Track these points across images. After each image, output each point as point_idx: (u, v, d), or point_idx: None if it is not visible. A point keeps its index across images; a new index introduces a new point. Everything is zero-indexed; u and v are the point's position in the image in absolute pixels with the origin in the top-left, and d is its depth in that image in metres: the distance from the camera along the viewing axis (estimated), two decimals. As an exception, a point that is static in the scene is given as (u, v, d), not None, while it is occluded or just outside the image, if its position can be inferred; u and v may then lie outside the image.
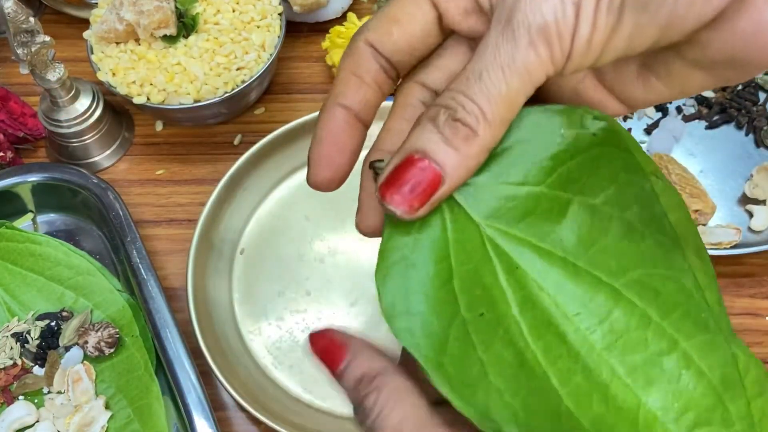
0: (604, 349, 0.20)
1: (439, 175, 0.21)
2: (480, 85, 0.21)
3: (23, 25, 0.54)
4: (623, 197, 0.22)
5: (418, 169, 0.21)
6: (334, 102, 0.25)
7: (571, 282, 0.21)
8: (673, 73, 0.24)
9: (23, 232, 0.58)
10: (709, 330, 0.21)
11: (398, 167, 0.22)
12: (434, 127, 0.21)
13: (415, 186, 0.21)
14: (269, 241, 0.61)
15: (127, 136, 0.66)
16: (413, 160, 0.21)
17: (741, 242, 0.58)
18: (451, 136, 0.21)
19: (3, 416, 0.51)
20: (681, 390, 0.20)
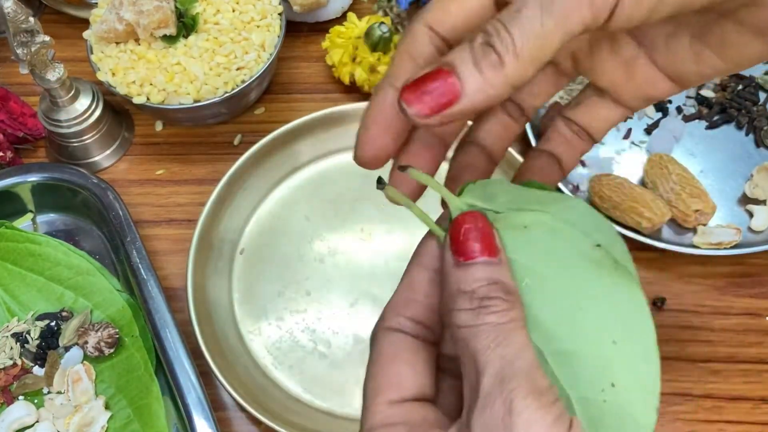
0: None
1: (458, 91, 0.22)
2: (517, 18, 0.21)
3: (23, 25, 0.54)
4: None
5: (442, 79, 0.22)
6: (388, 83, 0.25)
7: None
8: (728, 42, 0.23)
9: (23, 232, 0.58)
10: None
11: (426, 74, 0.22)
12: (469, 47, 0.22)
13: (433, 92, 0.22)
14: (269, 241, 0.61)
15: (126, 136, 0.66)
16: (441, 71, 0.22)
17: (741, 242, 0.58)
18: (481, 58, 0.22)
19: (3, 416, 0.51)
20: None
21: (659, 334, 0.60)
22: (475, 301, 0.23)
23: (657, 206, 0.58)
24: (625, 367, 0.22)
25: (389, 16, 0.68)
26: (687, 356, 0.56)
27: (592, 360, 0.23)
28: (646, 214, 0.57)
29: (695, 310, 0.58)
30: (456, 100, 0.22)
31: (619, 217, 0.59)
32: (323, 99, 0.68)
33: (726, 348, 0.56)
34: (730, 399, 0.55)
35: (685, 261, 0.60)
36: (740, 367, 0.56)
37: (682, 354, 0.56)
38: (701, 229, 0.59)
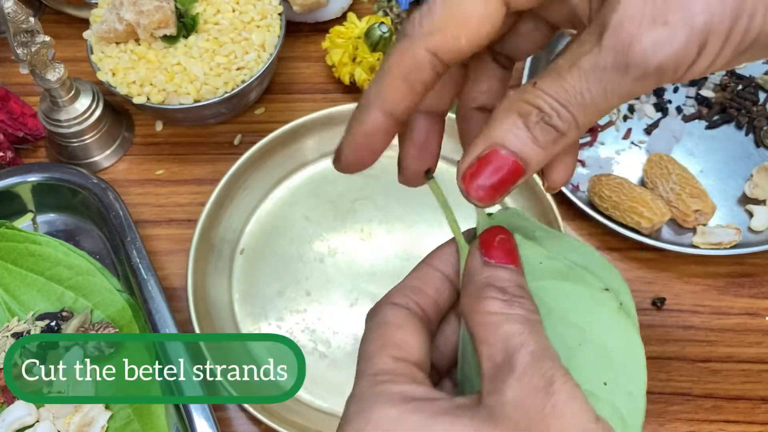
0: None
1: (522, 169, 0.23)
2: (581, 101, 0.22)
3: (23, 25, 0.54)
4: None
5: (503, 162, 0.23)
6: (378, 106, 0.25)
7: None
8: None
9: (23, 232, 0.58)
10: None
11: (482, 160, 0.23)
12: (525, 126, 0.23)
13: (498, 179, 0.23)
14: (269, 241, 0.61)
15: (127, 136, 0.66)
16: (497, 154, 0.23)
17: (741, 242, 0.58)
18: (542, 137, 0.23)
19: (3, 416, 0.51)
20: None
21: (659, 334, 0.60)
22: (507, 294, 0.24)
23: (657, 206, 0.58)
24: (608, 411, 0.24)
25: (389, 16, 0.68)
26: (687, 356, 0.56)
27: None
28: (645, 214, 0.57)
29: (695, 310, 0.58)
30: (521, 177, 0.23)
31: (619, 217, 0.59)
32: (323, 99, 0.68)
33: (726, 348, 0.56)
34: (729, 399, 0.55)
35: (684, 261, 0.60)
36: (740, 367, 0.56)
37: (682, 354, 0.56)
38: (701, 229, 0.59)
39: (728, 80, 0.67)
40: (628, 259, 0.60)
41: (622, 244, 0.60)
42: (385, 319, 0.26)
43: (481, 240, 0.26)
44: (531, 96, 0.23)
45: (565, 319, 0.25)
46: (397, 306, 0.26)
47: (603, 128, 0.65)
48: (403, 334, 0.25)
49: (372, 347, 0.25)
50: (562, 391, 0.22)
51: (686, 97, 0.67)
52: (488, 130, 0.23)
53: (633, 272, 0.59)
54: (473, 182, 0.23)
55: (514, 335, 0.23)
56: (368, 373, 0.24)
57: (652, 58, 0.20)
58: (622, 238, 0.59)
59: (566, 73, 0.22)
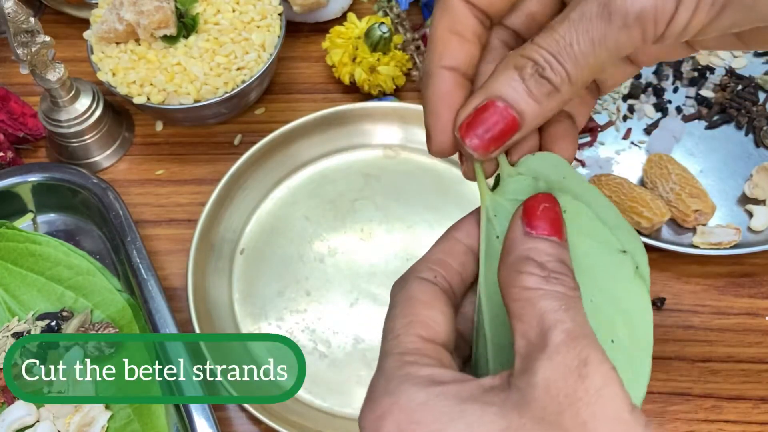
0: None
1: (518, 123, 0.23)
2: (570, 51, 0.22)
3: (23, 25, 0.54)
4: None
5: (499, 114, 0.23)
6: (439, 65, 0.25)
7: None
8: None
9: (23, 232, 0.58)
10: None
11: (479, 110, 0.24)
12: (520, 78, 0.23)
13: (493, 130, 0.24)
14: (269, 241, 0.61)
15: (127, 136, 0.66)
16: (494, 105, 0.23)
17: (741, 242, 0.58)
18: (536, 89, 0.23)
19: (3, 416, 0.51)
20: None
21: (659, 334, 0.60)
22: (546, 270, 0.23)
23: (656, 206, 0.58)
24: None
25: (389, 16, 0.68)
26: (686, 356, 0.56)
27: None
28: (645, 213, 0.57)
29: (695, 310, 0.58)
30: (516, 130, 0.24)
31: (618, 217, 0.59)
32: (323, 99, 0.68)
33: (725, 348, 0.57)
34: (729, 399, 0.55)
35: (684, 261, 0.60)
36: (739, 367, 0.56)
37: (682, 354, 0.56)
38: (701, 229, 0.59)
39: (728, 80, 0.67)
40: (627, 259, 0.60)
41: (621, 244, 0.60)
42: (413, 294, 0.25)
43: (525, 207, 0.25)
44: (527, 50, 0.23)
45: (581, 273, 0.24)
46: (425, 281, 0.26)
47: (603, 128, 0.65)
48: (431, 312, 0.25)
49: (399, 324, 0.25)
50: (597, 374, 0.21)
51: (686, 97, 0.67)
52: (487, 83, 0.24)
53: (633, 272, 0.59)
54: (470, 132, 0.24)
55: (549, 312, 0.22)
56: (396, 352, 0.24)
57: (631, 6, 0.21)
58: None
59: (558, 26, 0.23)
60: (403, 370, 0.23)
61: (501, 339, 0.26)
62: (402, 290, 0.26)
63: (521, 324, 0.23)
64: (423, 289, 0.25)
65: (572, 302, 0.23)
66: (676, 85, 0.67)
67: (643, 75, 0.68)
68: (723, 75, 0.67)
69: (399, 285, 0.26)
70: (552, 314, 0.22)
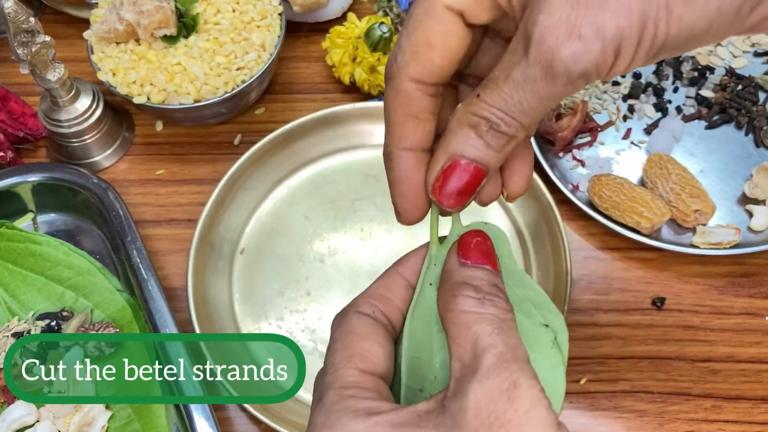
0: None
1: (482, 172, 0.25)
2: (520, 108, 0.23)
3: (23, 25, 0.54)
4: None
5: (464, 170, 0.25)
6: (399, 148, 0.27)
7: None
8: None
9: (23, 232, 0.58)
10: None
11: (446, 171, 0.25)
12: (477, 136, 0.24)
13: (463, 185, 0.25)
14: (269, 240, 0.61)
15: (127, 136, 0.66)
16: (459, 164, 0.25)
17: (741, 242, 0.58)
18: (495, 142, 0.24)
19: (3, 416, 0.51)
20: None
21: (659, 334, 0.60)
22: (481, 293, 0.24)
23: (656, 206, 0.58)
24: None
25: (389, 16, 0.68)
26: (686, 356, 0.56)
27: None
28: (645, 213, 0.57)
29: (695, 309, 0.58)
30: (483, 177, 0.25)
31: (618, 217, 0.59)
32: (323, 99, 0.68)
33: (725, 348, 0.57)
34: (729, 399, 0.55)
35: (684, 261, 0.60)
36: (739, 367, 0.56)
37: (682, 353, 0.56)
38: (701, 228, 0.59)
39: (728, 80, 0.67)
40: (628, 259, 0.60)
41: (622, 244, 0.60)
42: (352, 328, 0.26)
43: (460, 242, 0.27)
44: (477, 108, 0.24)
45: None
46: (364, 315, 0.27)
47: (603, 128, 0.65)
48: (369, 345, 0.26)
49: (338, 358, 0.26)
50: (526, 397, 0.22)
51: (686, 97, 0.67)
52: (446, 143, 0.25)
53: (633, 272, 0.59)
54: (443, 192, 0.26)
55: (483, 336, 0.23)
56: (336, 386, 0.25)
57: (573, 67, 0.22)
58: (622, 238, 0.59)
59: (503, 85, 0.23)
60: (342, 404, 0.24)
61: (414, 382, 0.27)
62: (342, 325, 0.27)
63: (457, 347, 0.24)
64: (362, 323, 0.26)
65: (505, 325, 0.24)
66: (676, 85, 0.67)
67: (643, 75, 0.68)
68: (723, 75, 0.67)
69: (339, 319, 0.27)
70: (485, 338, 0.23)
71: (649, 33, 0.21)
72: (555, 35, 0.22)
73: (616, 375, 0.55)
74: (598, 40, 0.21)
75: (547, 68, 0.22)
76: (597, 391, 0.55)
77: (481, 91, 0.24)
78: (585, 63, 0.22)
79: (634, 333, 0.57)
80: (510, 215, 0.61)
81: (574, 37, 0.21)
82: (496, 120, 0.24)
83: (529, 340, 0.26)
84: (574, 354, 0.56)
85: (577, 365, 0.56)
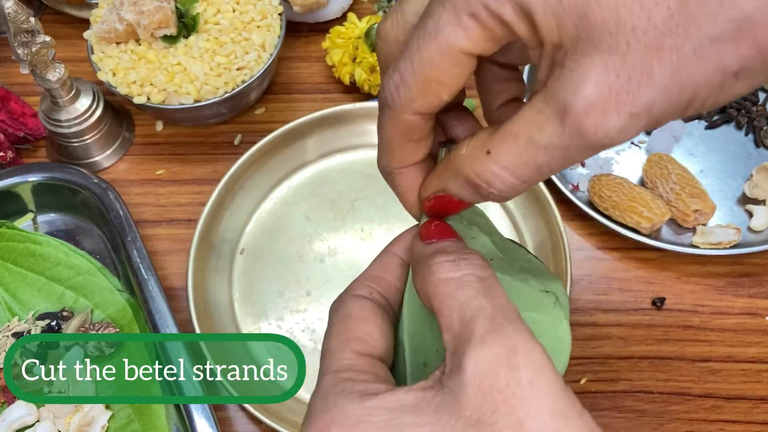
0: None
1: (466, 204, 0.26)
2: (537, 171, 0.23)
3: (23, 25, 0.54)
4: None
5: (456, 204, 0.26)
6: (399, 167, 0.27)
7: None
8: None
9: (23, 232, 0.58)
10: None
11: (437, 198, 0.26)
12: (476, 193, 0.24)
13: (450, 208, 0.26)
14: (269, 240, 0.61)
15: (127, 136, 0.66)
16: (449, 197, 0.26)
17: (741, 242, 0.58)
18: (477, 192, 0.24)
19: (3, 416, 0.51)
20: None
21: (659, 334, 0.59)
22: (453, 255, 0.24)
23: (656, 206, 0.58)
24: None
25: (389, 16, 0.68)
26: (686, 356, 0.56)
27: None
28: (645, 213, 0.57)
29: (695, 309, 0.58)
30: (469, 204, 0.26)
31: (618, 217, 0.59)
32: (323, 99, 0.68)
33: (725, 348, 0.57)
34: (729, 399, 0.55)
35: (684, 261, 0.60)
36: (739, 367, 0.56)
37: (682, 354, 0.56)
38: (701, 228, 0.59)
39: (728, 80, 0.67)
40: (628, 259, 0.60)
41: (622, 244, 0.60)
42: (349, 311, 0.26)
43: (420, 230, 0.27)
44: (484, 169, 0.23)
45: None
46: (361, 297, 0.27)
47: (603, 128, 0.65)
48: (366, 327, 0.25)
49: (335, 342, 0.25)
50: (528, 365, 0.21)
51: (686, 97, 0.67)
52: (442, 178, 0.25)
53: (633, 272, 0.60)
54: (433, 211, 0.27)
55: (469, 300, 0.22)
56: (332, 370, 0.24)
57: (613, 141, 0.21)
58: (622, 238, 0.59)
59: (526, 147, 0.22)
60: (339, 387, 0.23)
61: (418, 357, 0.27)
62: (339, 309, 0.27)
63: (443, 318, 0.23)
64: (359, 305, 0.26)
65: (488, 284, 0.23)
66: (676, 85, 0.67)
67: (643, 75, 0.68)
68: (723, 75, 0.67)
69: (336, 304, 0.27)
70: (472, 302, 0.22)
71: (691, 108, 0.21)
72: (602, 109, 0.20)
73: (616, 375, 0.55)
74: (646, 117, 0.20)
75: (583, 138, 0.21)
76: (597, 391, 0.55)
77: (492, 147, 0.23)
78: (623, 138, 0.21)
79: (634, 333, 0.57)
80: (510, 215, 0.61)
81: (623, 115, 0.20)
82: (500, 186, 0.23)
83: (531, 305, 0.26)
84: (574, 354, 0.56)
85: (577, 365, 0.56)
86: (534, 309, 0.26)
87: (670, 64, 0.20)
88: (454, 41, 0.22)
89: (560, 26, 0.20)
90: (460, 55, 0.22)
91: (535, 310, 0.26)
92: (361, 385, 0.23)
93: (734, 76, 0.20)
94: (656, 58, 0.20)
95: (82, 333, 0.54)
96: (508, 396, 0.20)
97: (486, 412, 0.20)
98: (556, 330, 0.26)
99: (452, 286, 0.23)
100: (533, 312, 0.25)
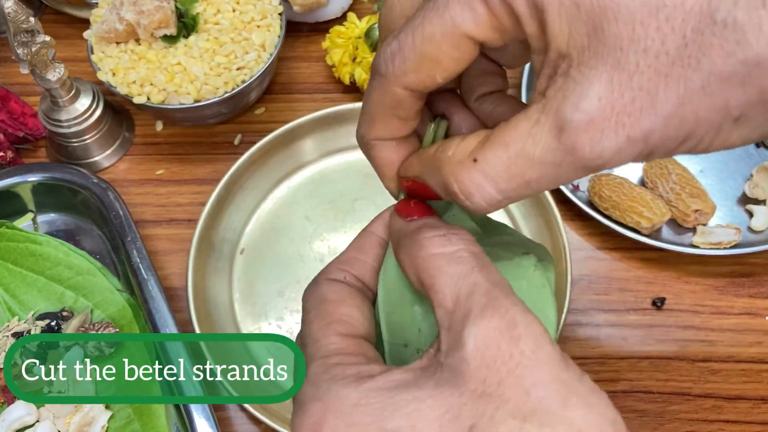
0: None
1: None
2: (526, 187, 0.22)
3: (23, 25, 0.54)
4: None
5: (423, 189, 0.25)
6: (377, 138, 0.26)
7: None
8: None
9: (23, 232, 0.58)
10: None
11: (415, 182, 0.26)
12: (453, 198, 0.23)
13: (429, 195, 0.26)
14: (269, 240, 0.61)
15: (127, 136, 0.66)
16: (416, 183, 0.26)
17: (741, 242, 0.58)
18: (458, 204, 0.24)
19: (3, 416, 0.51)
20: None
21: (659, 334, 0.59)
22: (442, 230, 0.24)
23: (657, 206, 0.58)
24: None
25: (389, 16, 0.68)
26: (686, 356, 0.56)
27: None
28: (645, 213, 0.57)
29: (695, 309, 0.58)
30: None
31: (618, 217, 0.59)
32: (323, 99, 0.68)
33: (725, 348, 0.57)
34: (729, 399, 0.55)
35: (684, 261, 0.60)
36: (739, 367, 0.56)
37: (682, 354, 0.56)
38: (701, 228, 0.59)
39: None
40: (628, 259, 0.60)
41: (622, 244, 0.60)
42: (324, 296, 0.25)
43: (398, 208, 0.27)
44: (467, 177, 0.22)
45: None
46: (335, 281, 0.26)
47: (603, 128, 0.65)
48: (345, 308, 0.25)
49: (315, 327, 0.25)
50: (529, 336, 0.21)
51: (686, 97, 0.67)
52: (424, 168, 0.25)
53: (633, 272, 0.59)
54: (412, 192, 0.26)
55: (463, 276, 0.22)
56: (318, 356, 0.23)
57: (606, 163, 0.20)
58: (622, 237, 0.59)
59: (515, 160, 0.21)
60: (330, 373, 0.23)
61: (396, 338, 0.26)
62: (313, 294, 0.26)
63: (436, 294, 0.22)
64: (333, 289, 0.26)
65: (479, 260, 0.23)
66: (676, 85, 0.67)
67: (643, 75, 0.68)
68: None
69: (310, 290, 0.26)
70: (467, 278, 0.22)
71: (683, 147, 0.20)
72: (600, 127, 0.20)
73: (616, 375, 0.55)
74: (642, 144, 0.20)
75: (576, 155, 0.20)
76: (597, 391, 0.55)
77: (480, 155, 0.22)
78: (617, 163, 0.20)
79: (634, 333, 0.57)
80: (510, 215, 0.61)
81: (621, 137, 0.20)
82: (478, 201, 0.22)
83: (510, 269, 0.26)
84: (574, 354, 0.56)
85: (577, 365, 0.56)
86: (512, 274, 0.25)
87: (676, 95, 0.19)
88: (459, 22, 0.21)
89: (572, 33, 0.20)
90: (463, 37, 0.22)
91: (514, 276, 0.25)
92: (353, 368, 0.22)
93: (734, 120, 0.19)
94: (663, 84, 0.19)
95: (82, 333, 0.54)
96: (513, 366, 0.20)
97: (491, 384, 0.20)
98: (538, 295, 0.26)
99: (443, 261, 0.23)
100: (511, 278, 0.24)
